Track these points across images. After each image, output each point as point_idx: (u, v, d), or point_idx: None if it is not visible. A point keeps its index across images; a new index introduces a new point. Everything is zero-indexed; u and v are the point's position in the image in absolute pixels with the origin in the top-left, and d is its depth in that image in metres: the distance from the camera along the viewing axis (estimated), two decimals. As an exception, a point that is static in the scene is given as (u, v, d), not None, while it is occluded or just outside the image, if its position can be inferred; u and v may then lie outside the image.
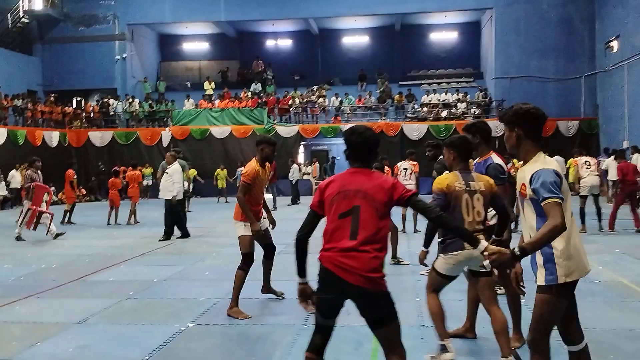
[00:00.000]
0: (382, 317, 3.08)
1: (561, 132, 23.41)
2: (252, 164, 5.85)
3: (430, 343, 4.76)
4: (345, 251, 3.04)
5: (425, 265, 4.51)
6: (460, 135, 4.55)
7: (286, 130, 24.77)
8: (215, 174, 22.58)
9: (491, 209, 4.25)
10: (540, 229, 3.00)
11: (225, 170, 22.64)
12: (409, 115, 25.57)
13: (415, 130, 23.89)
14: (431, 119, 24.74)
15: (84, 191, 23.28)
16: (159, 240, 11.23)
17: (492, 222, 4.40)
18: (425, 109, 25.48)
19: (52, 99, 25.88)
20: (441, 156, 7.66)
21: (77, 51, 28.24)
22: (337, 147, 27.31)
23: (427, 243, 4.33)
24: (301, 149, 26.22)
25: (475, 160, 4.80)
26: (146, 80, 29.49)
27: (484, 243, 3.14)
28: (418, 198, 3.13)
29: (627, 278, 7.19)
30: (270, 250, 6.17)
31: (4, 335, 5.32)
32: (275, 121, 25.57)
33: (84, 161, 24.89)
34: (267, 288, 6.37)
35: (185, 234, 11.70)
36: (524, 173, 3.15)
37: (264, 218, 6.06)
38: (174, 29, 31.80)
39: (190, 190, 12.67)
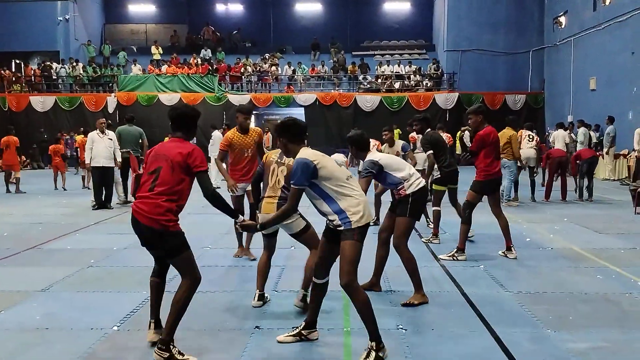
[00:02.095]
0: (168, 250, 3.83)
1: (508, 106, 24.00)
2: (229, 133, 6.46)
3: (398, 306, 5.03)
4: (141, 198, 3.82)
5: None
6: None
7: (238, 99, 24.32)
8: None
9: (408, 180, 4.97)
10: (279, 210, 4.28)
11: None
12: (362, 86, 25.63)
13: (368, 102, 23.98)
14: (384, 90, 24.88)
15: (24, 158, 22.27)
16: (117, 204, 11.29)
17: (409, 191, 4.99)
18: (378, 80, 25.59)
19: (-12, 61, 24.55)
20: (428, 130, 7.64)
21: (16, 11, 26.55)
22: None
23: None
24: (253, 118, 25.88)
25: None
26: (90, 44, 28.27)
27: (241, 217, 4.20)
28: (203, 176, 3.84)
29: (577, 245, 7.54)
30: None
31: (-37, 304, 5.10)
32: (227, 89, 25.09)
33: (25, 127, 23.63)
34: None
35: (102, 204, 11.11)
36: None
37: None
38: (118, -11, 30.50)
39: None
